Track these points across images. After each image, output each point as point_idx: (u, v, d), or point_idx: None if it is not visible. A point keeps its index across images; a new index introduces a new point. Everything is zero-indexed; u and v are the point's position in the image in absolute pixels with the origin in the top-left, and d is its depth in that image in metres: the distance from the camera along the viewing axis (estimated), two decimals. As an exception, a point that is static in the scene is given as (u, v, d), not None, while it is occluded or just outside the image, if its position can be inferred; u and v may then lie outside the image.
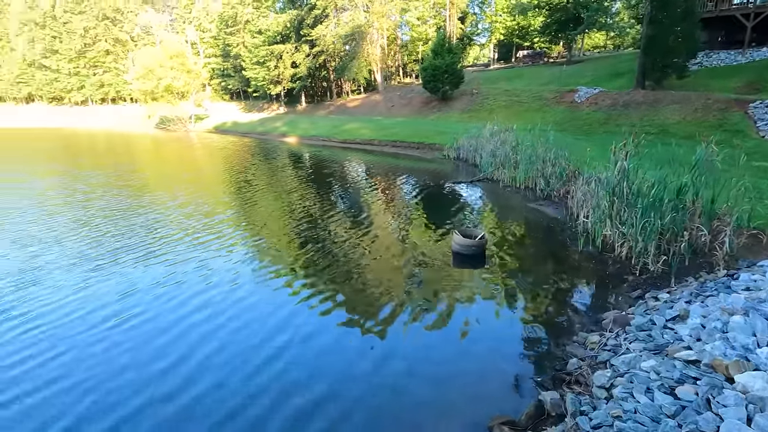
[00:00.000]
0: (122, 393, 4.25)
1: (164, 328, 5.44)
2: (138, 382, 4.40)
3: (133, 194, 14.60)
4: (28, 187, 16.30)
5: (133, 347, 5.05)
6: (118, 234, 9.69)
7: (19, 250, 8.73)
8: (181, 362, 4.72)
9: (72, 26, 70.75)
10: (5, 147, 34.69)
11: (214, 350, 4.98)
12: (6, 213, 12.03)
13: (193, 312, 5.86)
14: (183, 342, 5.13)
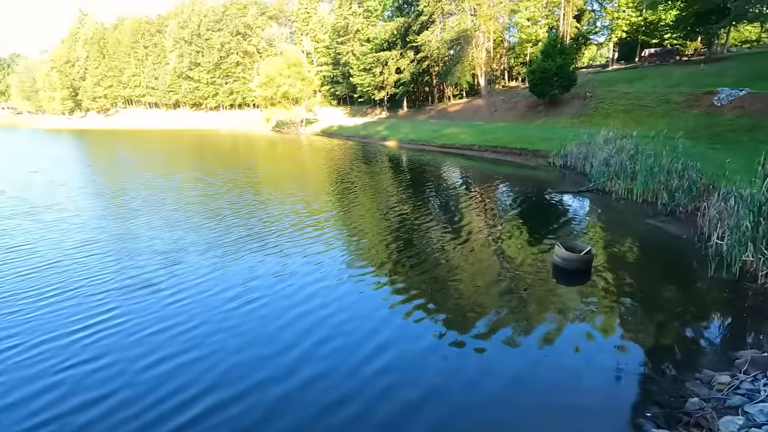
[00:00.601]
0: (243, 369, 4.84)
1: (277, 315, 6.08)
2: (254, 361, 4.97)
3: (254, 190, 16.43)
4: (170, 180, 19.30)
5: (251, 329, 5.74)
6: (242, 225, 11.02)
7: (166, 233, 10.44)
8: (288, 349, 5.23)
9: (211, 42, 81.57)
10: (156, 145, 41.43)
11: (318, 342, 5.40)
12: (153, 203, 14.43)
13: (301, 303, 6.45)
14: (292, 330, 5.68)
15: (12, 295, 6.87)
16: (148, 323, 5.84)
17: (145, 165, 25.56)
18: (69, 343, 5.35)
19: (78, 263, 8.38)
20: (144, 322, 5.89)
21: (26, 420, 4.01)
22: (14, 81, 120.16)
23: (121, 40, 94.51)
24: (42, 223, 11.75)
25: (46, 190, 17.05)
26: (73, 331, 5.68)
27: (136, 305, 6.43)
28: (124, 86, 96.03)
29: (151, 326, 5.75)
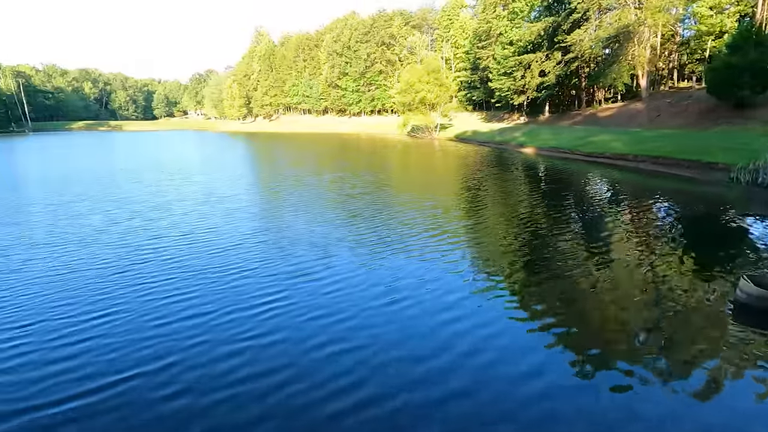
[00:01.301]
0: (393, 369, 5.04)
1: (423, 319, 6.23)
2: (403, 363, 5.15)
3: (392, 192, 17.40)
4: (320, 179, 21.61)
5: (401, 327, 6.02)
6: (384, 226, 11.80)
7: (318, 227, 11.74)
8: (436, 355, 5.26)
9: (359, 53, 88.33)
10: (307, 146, 46.70)
11: (466, 353, 5.35)
12: (307, 199, 16.33)
13: (444, 310, 6.60)
14: (439, 337, 5.76)
15: (207, 269, 8.55)
16: (309, 308, 6.66)
17: (298, 164, 29.09)
18: (250, 316, 6.45)
19: (253, 247, 10.00)
20: (306, 307, 6.72)
21: (219, 378, 4.90)
22: (207, 92, 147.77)
23: (285, 55, 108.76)
24: (227, 210, 14.31)
25: (228, 182, 20.70)
26: (253, 306, 6.80)
27: (299, 290, 7.40)
28: (285, 95, 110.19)
29: (311, 312, 6.54)
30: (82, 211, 14.32)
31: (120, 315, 6.56)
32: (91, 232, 11.60)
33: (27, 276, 8.37)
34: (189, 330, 6.05)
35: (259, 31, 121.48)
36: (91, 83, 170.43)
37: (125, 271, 8.54)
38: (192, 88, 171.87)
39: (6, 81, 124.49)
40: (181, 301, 7.05)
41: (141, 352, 5.47)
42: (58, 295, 7.38)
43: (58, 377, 4.98)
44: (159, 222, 12.70)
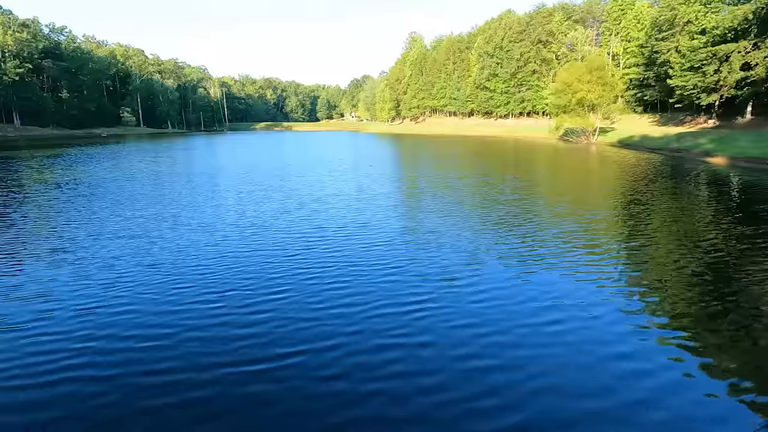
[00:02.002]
0: (552, 400, 4.59)
1: (587, 351, 5.51)
2: (564, 394, 4.66)
3: (543, 200, 16.19)
4: (465, 182, 21.33)
5: (559, 354, 5.45)
6: (534, 236, 11.03)
7: (465, 233, 11.55)
8: (599, 397, 4.64)
9: (512, 53, 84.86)
10: (452, 148, 46.74)
11: (633, 402, 4.60)
12: (452, 202, 16.26)
13: (608, 343, 5.73)
14: (601, 374, 5.03)
15: (361, 263, 9.11)
16: (457, 315, 6.54)
17: (443, 166, 29.28)
18: (400, 314, 6.61)
19: (401, 246, 10.34)
20: (454, 313, 6.63)
21: (373, 369, 5.14)
22: (362, 96, 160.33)
23: (436, 59, 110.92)
24: (377, 206, 15.15)
25: (378, 180, 21.99)
26: (402, 303, 6.98)
27: (447, 295, 7.34)
28: (433, 98, 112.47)
29: (460, 319, 6.41)
30: (260, 199, 16.87)
31: (290, 294, 7.45)
32: (267, 218, 13.55)
33: (222, 251, 10.16)
34: (346, 318, 6.52)
35: (413, 36, 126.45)
36: (271, 90, 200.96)
37: (294, 255, 9.69)
38: (349, 92, 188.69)
39: (214, 90, 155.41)
40: (339, 289, 7.67)
41: (307, 331, 6.10)
42: (244, 270, 8.75)
43: (245, 341, 5.88)
44: (320, 214, 14.14)
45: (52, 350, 5.70)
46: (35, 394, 4.82)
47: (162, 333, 6.13)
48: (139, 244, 10.70)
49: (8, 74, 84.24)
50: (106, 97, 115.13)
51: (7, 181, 22.68)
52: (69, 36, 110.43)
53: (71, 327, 6.32)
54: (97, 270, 8.74)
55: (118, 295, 7.51)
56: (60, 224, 12.89)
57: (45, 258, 9.63)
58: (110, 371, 5.20)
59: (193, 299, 7.32)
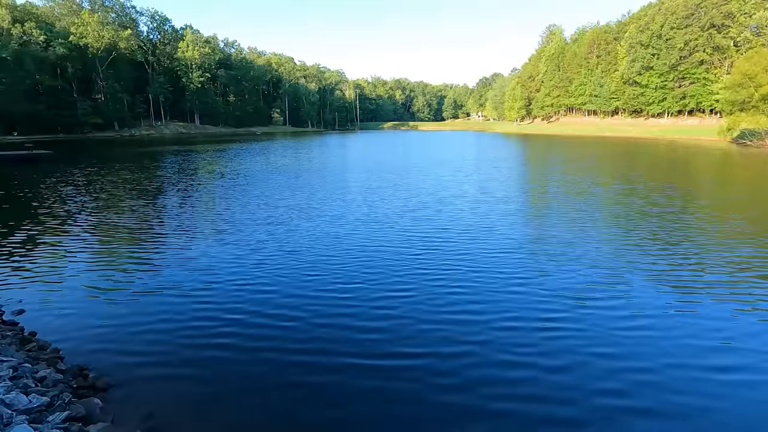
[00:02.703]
0: None
1: (761, 402, 4.55)
2: None
3: (710, 217, 13.48)
4: (602, 189, 18.90)
5: (740, 414, 4.47)
6: (697, 259, 9.24)
7: (605, 246, 10.20)
8: None
9: (673, 41, 73.05)
10: (590, 150, 42.05)
11: None
12: (589, 214, 14.56)
13: None
14: None
15: (486, 270, 8.69)
16: (597, 341, 5.78)
17: (578, 170, 26.41)
18: (528, 330, 6.09)
19: (528, 256, 9.59)
20: (593, 338, 5.87)
21: (500, 387, 4.87)
22: (490, 95, 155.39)
23: (576, 53, 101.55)
24: (503, 211, 14.37)
25: (504, 183, 20.94)
26: (531, 319, 6.42)
27: (584, 316, 6.52)
28: (570, 95, 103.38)
29: (601, 346, 5.64)
30: (386, 196, 17.46)
31: (414, 294, 7.47)
32: (392, 215, 13.93)
33: (351, 243, 10.74)
34: (470, 326, 6.29)
35: (552, 30, 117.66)
36: (400, 90, 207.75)
37: (418, 255, 9.75)
38: (477, 91, 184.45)
39: (349, 92, 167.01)
40: (463, 294, 7.45)
41: (430, 334, 6.05)
42: (370, 264, 9.11)
43: (370, 335, 6.08)
44: (443, 214, 14.02)
45: (211, 317, 6.69)
46: (194, 352, 5.72)
47: (296, 315, 6.71)
48: (281, 231, 11.96)
49: (193, 83, 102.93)
50: (261, 100, 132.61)
51: (187, 170, 27.64)
52: (237, 48, 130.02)
53: (226, 299, 7.35)
54: (248, 252, 10.03)
55: (262, 275, 8.49)
56: (223, 209, 15.19)
57: (211, 237, 11.41)
58: (252, 344, 5.88)
59: (324, 287, 7.87)
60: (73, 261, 9.78)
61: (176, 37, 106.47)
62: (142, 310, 7.09)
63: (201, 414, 4.60)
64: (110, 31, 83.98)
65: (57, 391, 4.65)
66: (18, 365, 5.02)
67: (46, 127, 75.23)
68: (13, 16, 73.05)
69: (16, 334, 6.27)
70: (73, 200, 17.10)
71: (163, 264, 9.21)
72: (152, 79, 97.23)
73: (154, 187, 20.68)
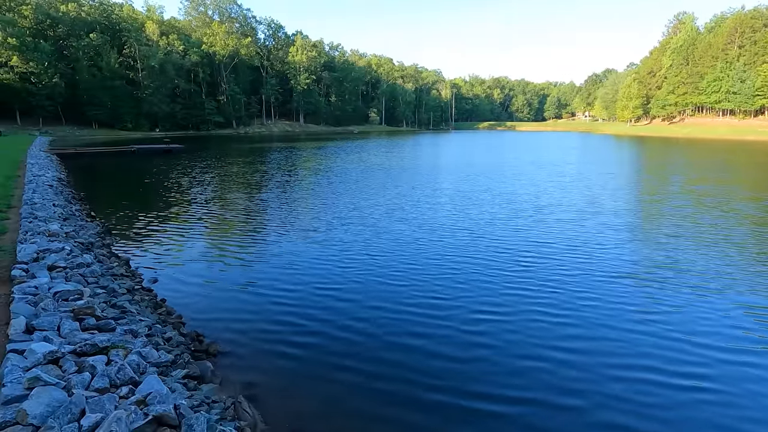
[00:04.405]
0: None
1: None
2: None
3: None
4: (747, 205, 15.74)
5: None
6: None
7: (749, 278, 8.31)
8: None
9: None
10: (720, 158, 35.78)
11: None
12: (729, 236, 12.13)
13: None
14: None
15: (597, 297, 7.61)
16: (746, 409, 4.67)
17: (712, 180, 22.57)
18: (665, 385, 5.10)
19: (653, 285, 8.16)
20: (741, 405, 4.74)
21: None
22: (600, 93, 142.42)
23: (712, 43, 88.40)
24: (622, 228, 12.64)
25: (624, 195, 18.65)
26: (668, 372, 5.36)
27: (729, 374, 5.31)
28: (700, 92, 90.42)
29: (754, 410, 4.62)
30: (478, 202, 16.42)
31: (510, 320, 6.70)
32: (484, 224, 12.97)
33: (436, 253, 10.16)
34: (583, 371, 5.32)
35: (681, 18, 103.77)
36: (499, 89, 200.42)
37: (513, 271, 8.89)
38: (585, 89, 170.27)
39: (445, 91, 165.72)
40: (569, 325, 6.50)
41: (533, 375, 5.25)
42: (457, 279, 8.43)
43: (457, 365, 5.48)
44: (542, 225, 12.77)
45: (300, 311, 7.05)
46: (291, 335, 6.25)
47: (373, 331, 6.34)
48: (369, 234, 11.84)
49: (300, 84, 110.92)
50: (360, 100, 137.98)
51: (288, 166, 29.91)
52: (341, 51, 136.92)
53: (318, 297, 7.56)
54: (335, 252, 10.18)
55: (348, 279, 8.39)
56: (313, 207, 15.81)
57: (298, 236, 11.76)
58: (333, 346, 5.96)
59: (405, 300, 7.43)
60: (197, 240, 11.42)
61: (288, 43, 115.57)
62: (251, 288, 8.02)
63: (294, 388, 5.03)
64: (234, 40, 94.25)
65: (179, 351, 5.40)
66: (152, 325, 5.95)
67: (180, 125, 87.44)
68: (161, 30, 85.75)
69: (151, 299, 7.42)
70: (198, 187, 19.81)
71: (266, 257, 9.94)
72: (265, 82, 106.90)
73: (262, 180, 22.74)
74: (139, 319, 5.98)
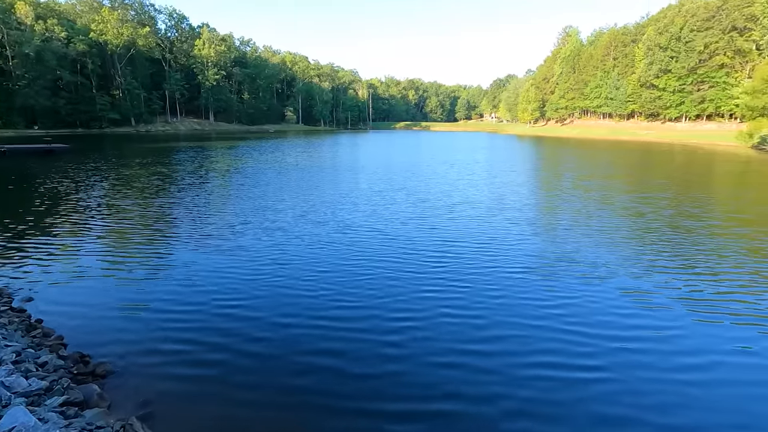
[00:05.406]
0: None
1: None
2: None
3: (750, 232, 13.06)
4: (626, 196, 18.40)
5: None
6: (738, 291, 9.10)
7: (634, 268, 9.79)
8: None
9: (692, 44, 71.63)
10: (602, 155, 41.32)
11: None
12: (615, 229, 14.22)
13: None
14: None
15: (507, 296, 8.56)
16: (652, 390, 5.16)
17: (593, 175, 25.95)
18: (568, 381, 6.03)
19: (577, 284, 9.20)
20: (646, 387, 5.20)
21: None
22: (504, 96, 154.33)
23: (593, 54, 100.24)
24: (524, 222, 14.17)
25: (521, 190, 20.63)
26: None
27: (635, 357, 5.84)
28: (585, 98, 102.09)
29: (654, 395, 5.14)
30: (392, 200, 16.98)
31: (420, 325, 6.61)
32: (397, 224, 13.46)
33: (348, 256, 10.41)
34: (489, 375, 5.40)
35: (568, 31, 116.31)
36: (414, 91, 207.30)
37: (425, 272, 9.29)
38: (491, 92, 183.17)
39: (362, 91, 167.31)
40: (481, 326, 6.55)
41: (441, 388, 5.09)
42: (369, 285, 8.40)
43: (370, 382, 5.40)
44: (454, 223, 13.38)
45: (207, 321, 6.68)
46: (192, 349, 5.82)
47: (283, 340, 6.12)
48: (280, 239, 11.32)
49: (209, 80, 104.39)
50: (275, 98, 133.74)
51: (194, 167, 27.99)
52: (253, 47, 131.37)
53: (224, 305, 7.25)
54: (242, 262, 9.59)
55: (254, 292, 7.82)
56: (219, 212, 14.92)
57: (201, 245, 11.05)
58: (240, 361, 5.68)
59: (318, 312, 7.02)
60: (81, 253, 10.07)
61: (193, 35, 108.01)
62: (146, 304, 7.29)
63: (193, 406, 4.77)
64: (129, 29, 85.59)
65: (57, 376, 4.80)
66: (21, 350, 5.19)
67: (67, 122, 77.16)
68: (37, 13, 74.86)
69: (23, 320, 6.48)
70: (83, 193, 17.53)
71: (164, 269, 9.11)
72: (169, 76, 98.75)
73: (162, 184, 20.84)
74: (5, 344, 5.18)
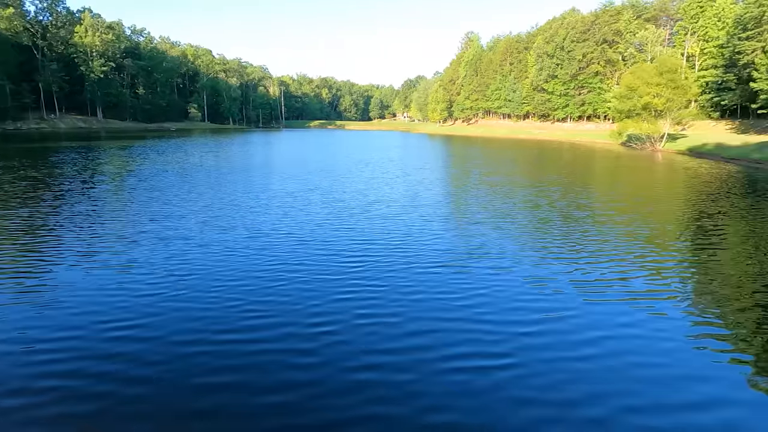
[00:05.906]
0: None
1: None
2: None
3: (611, 214, 15.21)
4: (521, 189, 20.48)
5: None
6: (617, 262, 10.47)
7: (511, 246, 11.22)
8: None
9: (573, 53, 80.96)
10: (503, 152, 45.37)
11: None
12: (513, 219, 15.70)
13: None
14: None
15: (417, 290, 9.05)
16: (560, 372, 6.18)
17: (497, 171, 28.31)
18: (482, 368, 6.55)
19: (487, 277, 10.14)
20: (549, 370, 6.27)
21: None
22: (414, 97, 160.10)
23: (492, 59, 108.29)
24: (437, 218, 15.01)
25: (432, 187, 21.68)
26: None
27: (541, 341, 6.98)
28: (486, 99, 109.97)
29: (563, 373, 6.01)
30: (306, 201, 16.72)
31: (337, 329, 6.52)
32: (311, 225, 13.44)
33: (261, 263, 10.20)
34: (409, 373, 5.29)
35: (470, 36, 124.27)
36: (327, 89, 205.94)
37: (341, 275, 9.45)
38: (402, 93, 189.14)
39: (273, 89, 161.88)
40: (398, 326, 6.45)
41: (359, 394, 5.03)
42: (281, 292, 8.36)
43: (280, 396, 5.33)
44: (369, 223, 13.74)
45: (86, 357, 6.12)
46: (64, 401, 5.22)
47: (186, 364, 5.44)
48: (179, 249, 10.06)
49: (95, 72, 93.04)
50: (176, 94, 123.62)
51: (75, 171, 24.89)
52: (147, 37, 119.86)
53: (98, 345, 6.62)
54: (134, 278, 8.82)
55: (148, 311, 6.84)
56: (106, 222, 13.50)
57: (82, 261, 9.74)
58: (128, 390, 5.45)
59: (223, 327, 6.36)
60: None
61: (72, 21, 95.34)
62: (7, 334, 6.12)
63: None
64: (-13, 9, 72.90)
65: None
66: None
67: None
68: None
69: None
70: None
71: (36, 291, 7.81)
72: (42, 66, 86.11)
73: (33, 191, 17.90)
74: None
